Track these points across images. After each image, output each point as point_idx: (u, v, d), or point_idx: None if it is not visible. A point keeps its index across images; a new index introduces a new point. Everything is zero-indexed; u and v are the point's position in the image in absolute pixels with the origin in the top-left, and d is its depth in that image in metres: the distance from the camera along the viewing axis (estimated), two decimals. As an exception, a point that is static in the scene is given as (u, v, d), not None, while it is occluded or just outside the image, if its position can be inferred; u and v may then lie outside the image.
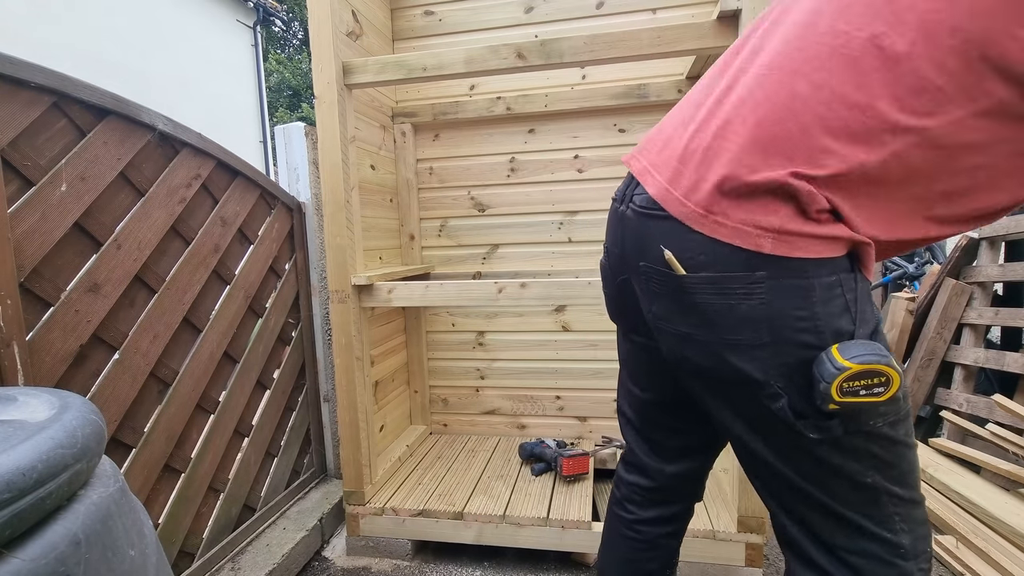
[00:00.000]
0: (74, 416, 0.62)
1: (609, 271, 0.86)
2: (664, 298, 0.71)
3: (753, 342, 0.64)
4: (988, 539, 1.55)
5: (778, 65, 0.63)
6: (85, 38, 5.61)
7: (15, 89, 1.00)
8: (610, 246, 0.83)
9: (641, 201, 0.72)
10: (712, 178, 0.63)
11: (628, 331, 0.90)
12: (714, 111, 0.67)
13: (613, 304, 0.91)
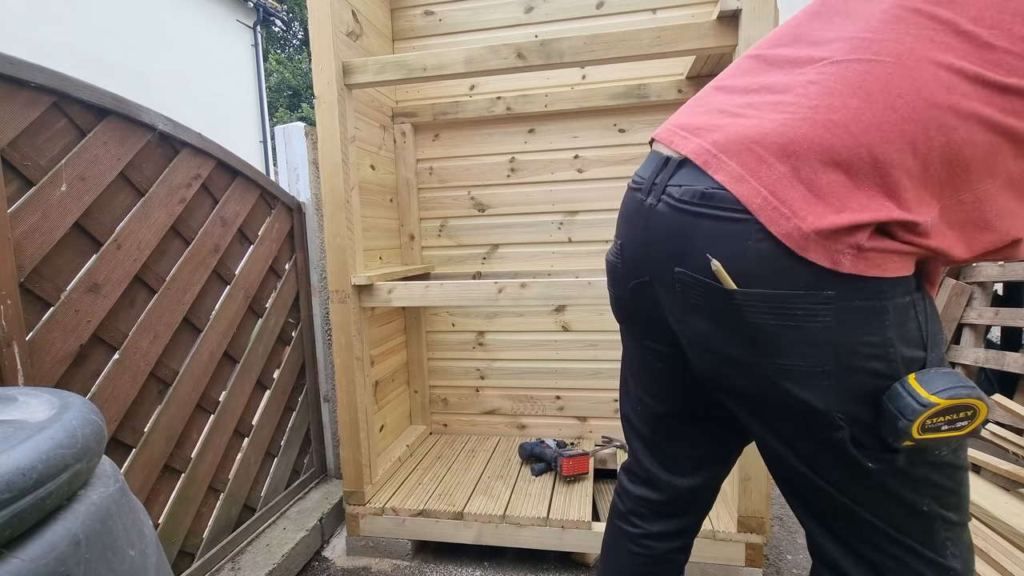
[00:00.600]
0: (74, 416, 0.62)
1: (622, 271, 0.73)
2: (705, 313, 0.60)
3: (814, 368, 0.56)
4: (988, 539, 1.55)
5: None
6: (85, 38, 5.61)
7: (15, 89, 1.00)
8: (627, 243, 0.70)
9: (687, 194, 0.58)
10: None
11: (642, 337, 0.78)
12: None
13: (623, 306, 0.79)
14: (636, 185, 0.68)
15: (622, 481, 0.95)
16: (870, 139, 0.50)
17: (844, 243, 0.51)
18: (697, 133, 0.60)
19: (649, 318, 0.72)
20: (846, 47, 0.54)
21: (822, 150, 0.51)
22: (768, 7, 1.30)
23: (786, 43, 0.61)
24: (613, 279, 0.78)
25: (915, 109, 0.50)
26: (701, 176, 0.57)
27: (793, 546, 1.75)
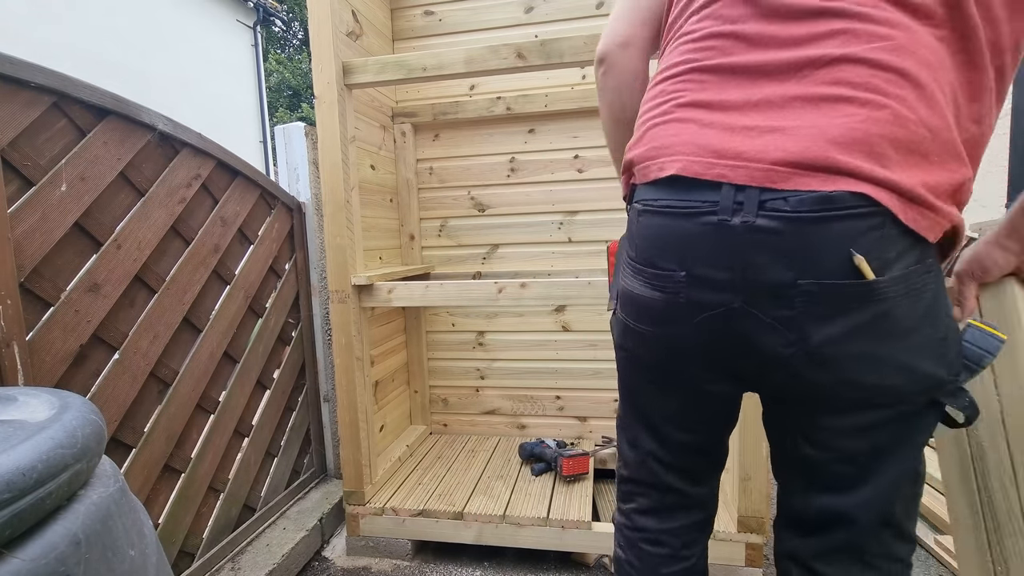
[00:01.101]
0: (74, 416, 0.62)
1: (685, 305, 0.64)
2: (835, 320, 0.58)
3: (933, 338, 0.59)
4: (988, 539, 1.55)
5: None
6: (85, 38, 5.61)
7: (15, 89, 1.00)
8: (699, 271, 0.62)
9: (805, 203, 0.55)
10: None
11: (694, 378, 0.72)
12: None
13: (675, 345, 0.69)
14: (701, 209, 0.60)
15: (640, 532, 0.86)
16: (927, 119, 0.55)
17: (937, 213, 0.56)
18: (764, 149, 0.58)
19: (716, 352, 0.66)
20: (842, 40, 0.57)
21: (893, 139, 0.55)
22: (768, 7, 1.30)
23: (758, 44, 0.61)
24: (666, 316, 0.67)
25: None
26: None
27: (793, 546, 1.75)
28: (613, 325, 0.81)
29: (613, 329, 0.82)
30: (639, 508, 0.86)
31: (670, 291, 0.65)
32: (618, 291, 0.77)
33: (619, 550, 0.90)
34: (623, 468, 0.89)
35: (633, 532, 0.87)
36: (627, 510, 0.88)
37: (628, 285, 0.72)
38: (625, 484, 0.89)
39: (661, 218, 0.65)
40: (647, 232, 0.67)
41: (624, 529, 0.88)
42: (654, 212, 0.66)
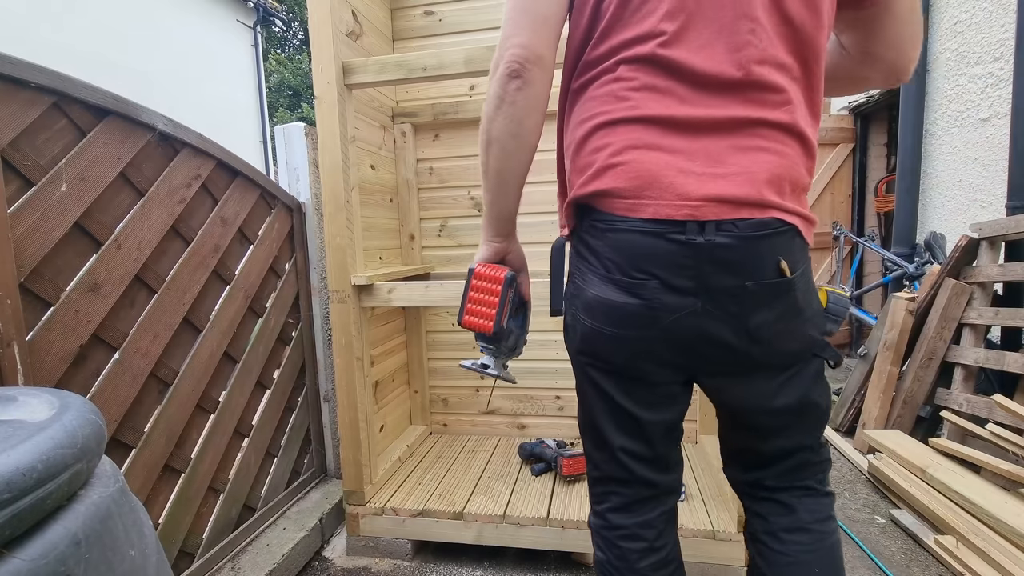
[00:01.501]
0: (74, 416, 0.62)
1: (661, 309, 0.76)
2: (767, 307, 0.76)
3: (815, 310, 0.82)
4: (988, 539, 1.55)
5: None
6: (85, 38, 5.61)
7: (15, 89, 1.00)
8: (676, 282, 0.75)
9: (750, 227, 0.73)
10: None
11: (658, 372, 0.82)
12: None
13: (644, 346, 0.79)
14: (683, 230, 0.74)
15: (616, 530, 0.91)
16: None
17: (813, 226, 0.81)
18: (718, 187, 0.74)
19: (678, 346, 0.79)
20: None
21: (790, 179, 0.76)
22: (768, 7, 1.29)
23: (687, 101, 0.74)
24: (639, 320, 0.77)
25: None
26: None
27: (793, 546, 1.75)
28: (573, 332, 0.87)
29: (573, 337, 0.87)
30: (613, 506, 0.91)
31: (645, 297, 0.76)
32: (582, 301, 0.83)
33: (599, 552, 0.93)
34: (593, 470, 0.94)
35: (610, 531, 0.91)
36: (601, 510, 0.92)
37: (600, 292, 0.80)
38: (597, 485, 0.94)
39: (636, 236, 0.76)
40: (622, 246, 0.77)
41: (601, 531, 0.93)
42: (629, 231, 0.76)
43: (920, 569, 1.62)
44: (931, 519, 1.76)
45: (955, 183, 2.93)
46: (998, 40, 2.58)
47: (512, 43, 0.79)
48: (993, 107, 2.63)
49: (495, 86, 0.81)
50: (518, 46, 0.79)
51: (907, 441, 2.16)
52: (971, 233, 2.38)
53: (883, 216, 4.05)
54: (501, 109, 0.81)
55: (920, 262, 2.98)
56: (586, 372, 0.88)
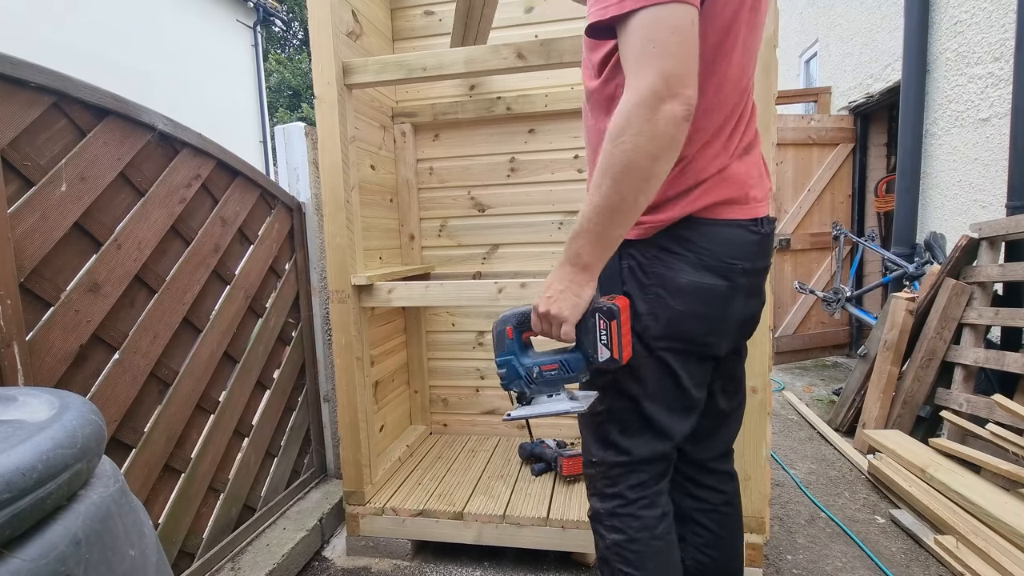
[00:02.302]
0: (74, 416, 0.62)
1: (742, 290, 0.92)
2: (762, 285, 1.01)
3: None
4: (988, 539, 1.55)
5: None
6: (85, 38, 5.61)
7: (15, 89, 1.00)
8: (752, 267, 0.92)
9: (771, 224, 0.95)
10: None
11: (724, 347, 0.96)
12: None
13: (728, 326, 0.93)
14: (754, 226, 0.92)
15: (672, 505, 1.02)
16: None
17: None
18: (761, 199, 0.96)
19: (738, 323, 0.96)
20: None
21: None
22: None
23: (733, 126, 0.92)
24: (729, 306, 0.91)
25: None
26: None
27: (793, 546, 1.75)
28: (654, 320, 0.89)
29: (653, 324, 0.89)
30: (633, 483, 0.96)
31: (733, 284, 0.90)
32: (672, 287, 0.88)
33: (614, 534, 0.95)
34: (617, 455, 0.96)
35: (629, 505, 0.96)
36: (618, 490, 0.96)
37: (695, 278, 0.88)
38: (615, 468, 0.96)
39: (731, 229, 0.91)
40: (720, 238, 0.90)
41: (618, 510, 0.96)
42: (726, 225, 0.90)
43: (920, 569, 1.62)
44: (931, 519, 1.76)
45: (955, 183, 2.93)
46: (998, 40, 2.58)
47: (687, 84, 0.73)
48: (993, 107, 2.63)
49: (668, 126, 0.73)
50: (685, 82, 0.73)
51: (907, 441, 2.16)
52: (971, 233, 2.38)
53: (883, 216, 4.05)
54: (659, 143, 0.74)
55: (920, 262, 2.98)
56: (660, 357, 0.91)
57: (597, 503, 0.99)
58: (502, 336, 0.92)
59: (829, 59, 4.50)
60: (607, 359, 0.84)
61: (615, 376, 0.92)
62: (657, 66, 0.72)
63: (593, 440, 0.99)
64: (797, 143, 3.90)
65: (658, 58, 0.72)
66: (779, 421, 2.89)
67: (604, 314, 0.83)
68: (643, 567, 0.94)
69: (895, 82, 3.41)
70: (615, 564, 0.96)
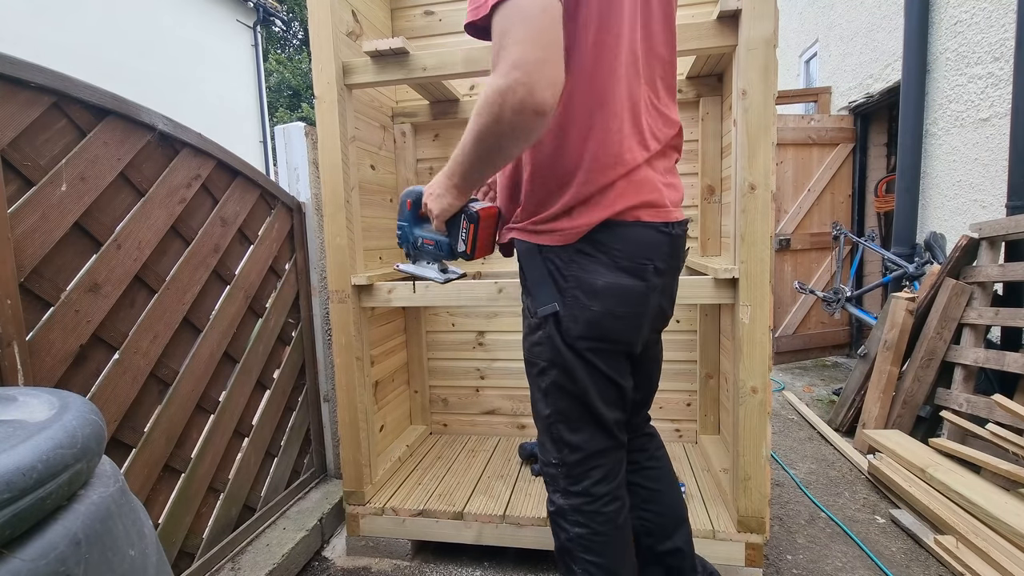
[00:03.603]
0: (74, 416, 0.62)
1: (657, 289, 0.99)
2: (672, 286, 1.08)
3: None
4: (988, 539, 1.55)
5: None
6: (85, 38, 5.61)
7: (15, 89, 1.00)
8: (665, 266, 0.99)
9: (682, 227, 1.03)
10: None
11: (643, 340, 1.03)
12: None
13: (649, 317, 1.00)
14: (668, 228, 0.98)
15: (625, 483, 1.09)
16: None
17: None
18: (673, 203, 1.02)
19: (650, 319, 1.02)
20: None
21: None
22: (768, 7, 1.30)
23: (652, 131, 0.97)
24: (644, 304, 0.98)
25: None
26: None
27: (793, 546, 1.75)
28: (573, 322, 0.94)
29: (572, 326, 0.95)
30: (596, 480, 1.01)
31: (649, 285, 0.96)
32: (589, 289, 0.93)
33: (577, 528, 1.01)
34: (572, 453, 1.01)
35: (594, 502, 1.01)
36: (583, 488, 1.01)
37: (613, 280, 0.93)
38: (576, 467, 1.01)
39: (644, 230, 0.95)
40: (632, 238, 0.95)
41: (583, 507, 1.01)
42: (641, 228, 0.95)
43: (920, 569, 1.62)
44: (931, 519, 1.76)
45: (955, 183, 2.93)
46: (998, 40, 2.58)
47: (538, 65, 0.75)
48: (993, 107, 2.63)
49: (515, 116, 0.77)
50: (548, 77, 0.76)
51: (907, 441, 2.16)
52: (971, 233, 2.38)
53: (883, 216, 4.05)
54: (509, 131, 0.80)
55: (920, 262, 2.98)
56: (584, 357, 0.96)
57: (561, 499, 1.03)
58: (403, 206, 1.12)
59: (829, 59, 4.50)
60: (462, 251, 1.06)
61: (553, 379, 0.99)
62: (506, 57, 0.76)
63: (550, 442, 1.03)
64: (797, 143, 3.90)
65: (508, 47, 0.76)
66: (779, 421, 2.89)
67: (468, 218, 1.02)
68: (605, 554, 1.01)
69: (895, 82, 3.41)
70: (578, 554, 1.01)
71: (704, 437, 2.08)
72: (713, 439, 2.06)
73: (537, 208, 0.97)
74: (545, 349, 0.98)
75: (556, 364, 0.97)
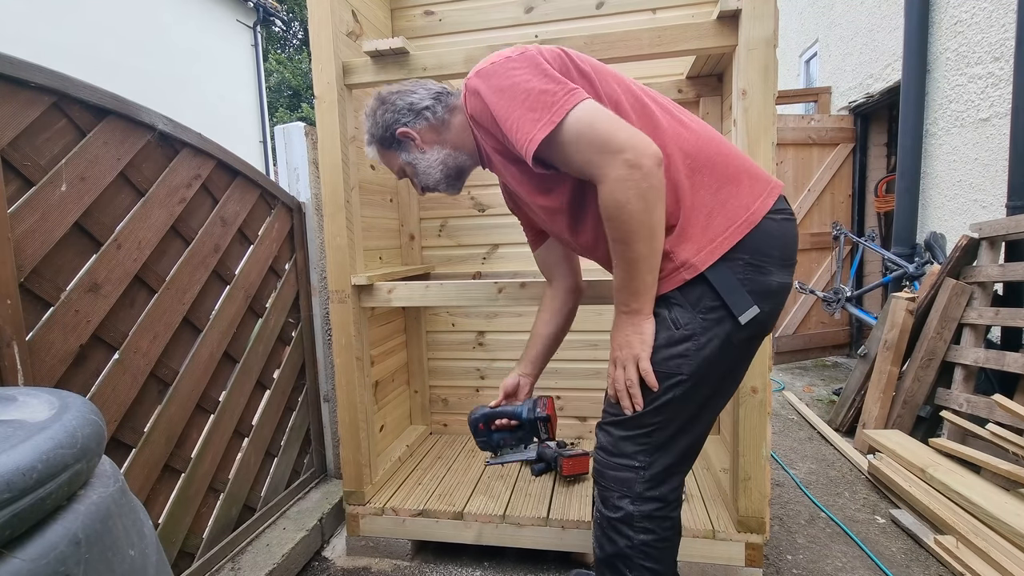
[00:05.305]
0: (74, 416, 0.62)
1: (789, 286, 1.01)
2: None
3: None
4: (988, 539, 1.55)
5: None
6: (85, 38, 5.61)
7: (15, 89, 1.00)
8: (793, 256, 0.99)
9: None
10: None
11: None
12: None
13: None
14: (792, 214, 0.99)
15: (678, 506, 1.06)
16: None
17: None
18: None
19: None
20: None
21: None
22: (768, 7, 1.30)
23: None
24: (784, 296, 1.00)
25: None
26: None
27: (793, 546, 1.75)
28: (752, 325, 0.95)
29: (743, 329, 0.95)
30: (678, 484, 1.02)
31: (788, 281, 0.98)
32: (764, 291, 0.95)
33: (643, 535, 0.98)
34: (663, 458, 0.99)
35: (665, 508, 1.00)
36: (663, 492, 0.99)
37: (781, 280, 0.97)
38: (673, 467, 1.00)
39: (790, 223, 0.98)
40: (787, 230, 0.97)
41: (654, 513, 0.99)
42: (786, 214, 0.98)
43: (920, 569, 1.61)
44: (931, 519, 1.76)
45: (955, 183, 2.93)
46: (998, 40, 2.58)
47: (639, 138, 0.85)
48: (993, 107, 2.63)
49: (652, 178, 0.85)
50: (650, 145, 0.86)
51: (907, 441, 2.16)
52: (971, 233, 2.38)
53: (883, 216, 4.05)
54: (653, 196, 0.87)
55: (920, 262, 2.98)
56: (734, 360, 0.99)
57: (631, 505, 0.99)
58: (476, 429, 1.31)
59: (829, 59, 4.50)
60: (545, 439, 1.27)
61: (685, 390, 0.96)
62: (606, 150, 0.86)
63: (636, 448, 0.99)
64: (797, 143, 3.90)
65: (602, 142, 0.86)
66: (779, 421, 2.89)
67: (542, 420, 1.23)
68: (664, 560, 1.00)
69: (895, 82, 3.41)
70: (639, 562, 0.98)
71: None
72: (713, 439, 2.06)
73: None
74: (688, 362, 0.94)
75: (695, 375, 0.95)
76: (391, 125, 1.13)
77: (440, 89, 1.14)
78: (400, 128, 1.12)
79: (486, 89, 0.92)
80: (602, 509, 1.02)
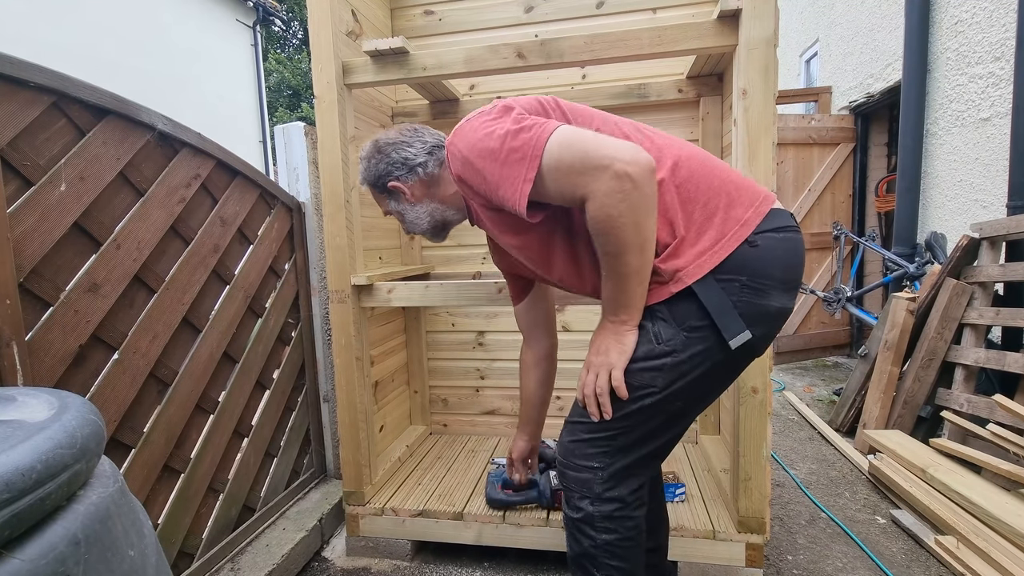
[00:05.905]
0: (73, 416, 0.62)
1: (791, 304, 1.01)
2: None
3: None
4: (988, 539, 1.55)
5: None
6: (85, 38, 5.61)
7: (15, 89, 1.00)
8: (798, 278, 1.02)
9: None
10: None
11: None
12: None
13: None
14: (796, 226, 1.00)
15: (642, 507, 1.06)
16: None
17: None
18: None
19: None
20: None
21: None
22: (768, 6, 1.30)
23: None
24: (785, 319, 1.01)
25: None
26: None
27: (793, 546, 1.75)
28: (730, 352, 0.93)
29: (727, 355, 0.93)
30: (639, 484, 1.02)
31: (790, 301, 0.98)
32: (759, 313, 0.93)
33: (605, 535, 0.99)
34: (622, 459, 1.00)
35: (626, 508, 1.00)
36: (622, 494, 1.00)
37: (782, 304, 0.97)
38: (636, 466, 1.01)
39: (791, 238, 0.99)
40: (791, 248, 0.98)
41: (615, 513, 1.00)
42: (791, 231, 0.99)
43: (920, 569, 1.61)
44: (932, 519, 1.75)
45: (956, 183, 2.93)
46: (999, 39, 2.58)
47: (635, 151, 0.84)
48: (994, 107, 2.63)
49: (643, 187, 0.83)
50: (645, 156, 0.85)
51: (908, 441, 2.16)
52: (972, 233, 2.38)
53: (884, 216, 4.05)
54: (647, 204, 0.86)
55: (921, 262, 2.98)
56: (710, 376, 0.97)
57: (590, 506, 1.00)
58: (493, 487, 1.66)
59: (829, 59, 4.50)
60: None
61: (655, 401, 0.95)
62: (593, 165, 0.84)
63: (595, 450, 0.99)
64: (797, 143, 3.90)
65: (585, 160, 0.84)
66: (779, 421, 2.89)
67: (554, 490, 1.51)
68: (629, 558, 1.01)
69: (896, 82, 3.41)
70: (603, 560, 0.99)
71: (704, 437, 2.08)
72: (713, 439, 2.06)
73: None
74: (663, 376, 0.94)
75: (668, 389, 0.94)
76: (383, 176, 1.14)
77: (436, 142, 1.15)
78: (392, 181, 1.14)
79: (466, 150, 0.93)
80: (566, 509, 1.04)
